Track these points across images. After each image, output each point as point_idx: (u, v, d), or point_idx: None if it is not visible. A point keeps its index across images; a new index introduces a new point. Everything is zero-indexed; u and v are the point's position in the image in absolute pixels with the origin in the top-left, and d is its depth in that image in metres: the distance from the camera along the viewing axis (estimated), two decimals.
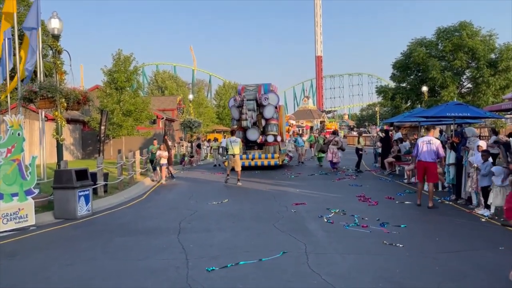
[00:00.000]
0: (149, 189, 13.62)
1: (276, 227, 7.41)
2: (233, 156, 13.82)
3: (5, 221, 7.81)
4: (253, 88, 19.98)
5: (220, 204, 10.07)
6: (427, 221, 7.71)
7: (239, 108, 18.99)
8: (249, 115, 18.65)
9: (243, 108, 18.60)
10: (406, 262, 5.33)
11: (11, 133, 8.15)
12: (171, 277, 4.93)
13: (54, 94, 9.37)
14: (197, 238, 6.83)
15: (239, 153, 14.02)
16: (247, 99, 18.98)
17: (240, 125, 18.91)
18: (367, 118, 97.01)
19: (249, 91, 19.72)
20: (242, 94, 19.35)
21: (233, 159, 13.81)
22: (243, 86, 20.27)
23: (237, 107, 19.14)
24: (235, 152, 13.79)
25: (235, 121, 19.67)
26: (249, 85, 20.26)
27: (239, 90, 20.12)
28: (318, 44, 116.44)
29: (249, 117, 18.64)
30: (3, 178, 7.88)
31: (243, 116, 18.54)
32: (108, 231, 7.59)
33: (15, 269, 5.50)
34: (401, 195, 10.69)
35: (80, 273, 5.24)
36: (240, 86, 20.63)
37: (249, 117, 18.61)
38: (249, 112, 18.71)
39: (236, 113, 19.30)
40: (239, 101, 18.93)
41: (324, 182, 14.09)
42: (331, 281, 4.64)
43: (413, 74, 33.35)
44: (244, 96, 19.11)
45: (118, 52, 27.38)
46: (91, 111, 27.34)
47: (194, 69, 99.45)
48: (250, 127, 18.87)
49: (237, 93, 20.44)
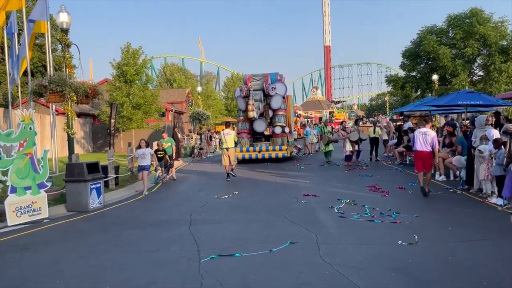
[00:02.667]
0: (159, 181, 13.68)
1: (286, 218, 7.41)
2: (226, 150, 13.05)
3: (19, 214, 7.91)
4: (260, 77, 19.39)
5: (230, 195, 10.09)
6: (439, 211, 7.64)
7: (245, 99, 18.42)
8: (255, 105, 18.04)
9: (249, 98, 18.04)
10: (418, 252, 5.29)
11: (22, 127, 8.23)
12: (183, 269, 4.95)
13: (63, 88, 9.41)
14: (208, 229, 6.85)
15: (233, 146, 13.26)
16: (254, 89, 18.43)
17: (247, 116, 18.35)
18: (376, 108, 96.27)
19: (256, 81, 19.16)
20: (248, 84, 18.78)
21: (227, 152, 13.03)
22: (249, 76, 19.62)
23: (243, 98, 18.56)
24: (229, 146, 13.05)
25: (241, 112, 19.09)
26: (256, 75, 19.63)
27: (245, 79, 19.54)
28: (326, 33, 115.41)
29: (256, 108, 18.03)
30: (16, 172, 7.97)
31: (250, 106, 17.92)
32: (120, 224, 7.65)
33: (29, 261, 5.58)
34: (412, 185, 10.61)
35: (93, 265, 5.29)
36: (246, 76, 19.94)
37: (255, 108, 17.99)
38: (255, 103, 18.10)
39: (242, 104, 18.70)
40: (245, 91, 18.34)
41: (334, 172, 14.03)
42: (343, 272, 4.62)
43: (423, 62, 32.97)
44: (250, 86, 18.55)
45: (127, 45, 27.44)
46: (101, 104, 27.49)
47: (202, 61, 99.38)
48: (257, 118, 18.27)
49: (243, 83, 19.81)
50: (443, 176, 11.20)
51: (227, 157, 13.02)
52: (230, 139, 13.14)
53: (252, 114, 17.95)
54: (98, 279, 4.76)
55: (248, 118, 18.31)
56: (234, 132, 14.09)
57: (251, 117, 18.11)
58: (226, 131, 13.35)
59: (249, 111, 17.99)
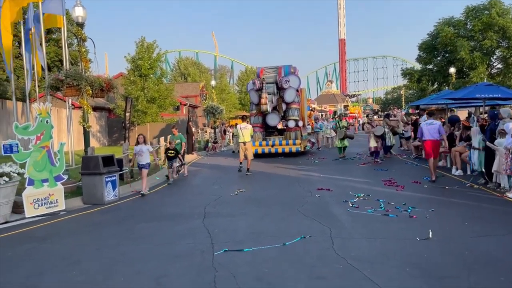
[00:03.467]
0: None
1: (300, 212, 7.38)
2: (243, 144, 12.97)
3: (36, 206, 8.05)
4: (273, 70, 18.92)
5: (243, 189, 10.09)
6: (455, 205, 7.52)
7: (258, 92, 18.05)
8: (269, 99, 17.65)
9: (262, 91, 17.66)
10: (434, 247, 5.21)
11: (39, 121, 8.35)
12: (197, 262, 4.97)
13: (79, 82, 9.50)
14: (222, 223, 6.87)
15: (250, 140, 13.16)
16: (267, 82, 18.01)
17: (259, 109, 18.00)
18: (392, 102, 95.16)
19: (269, 74, 18.71)
20: (261, 77, 18.36)
21: (244, 147, 12.98)
22: (262, 68, 19.17)
23: (256, 91, 18.19)
24: (246, 140, 12.93)
25: (254, 105, 18.70)
26: (269, 67, 19.18)
27: (258, 72, 19.06)
28: (341, 26, 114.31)
29: (269, 101, 17.66)
30: (34, 164, 8.10)
31: (263, 100, 17.54)
32: (134, 217, 7.73)
33: (46, 252, 5.67)
34: (427, 179, 10.46)
35: (108, 257, 5.35)
36: (259, 69, 19.45)
37: (269, 101, 17.62)
38: (268, 96, 17.71)
39: (255, 97, 18.31)
40: (258, 85, 17.97)
41: (349, 166, 13.93)
42: (357, 266, 4.59)
43: (440, 55, 32.42)
44: (263, 79, 18.13)
45: (141, 40, 27.57)
46: (116, 98, 27.74)
47: (216, 55, 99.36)
48: (270, 111, 17.90)
49: (256, 76, 19.38)
50: (459, 170, 11.02)
51: (243, 152, 12.93)
52: (247, 133, 12.97)
53: (265, 107, 17.61)
54: (113, 270, 4.82)
55: (261, 111, 17.98)
56: (251, 126, 13.86)
57: (264, 110, 17.77)
58: (242, 125, 13.21)
59: (262, 104, 17.65)
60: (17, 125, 8.11)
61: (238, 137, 13.16)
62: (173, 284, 4.33)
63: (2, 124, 18.77)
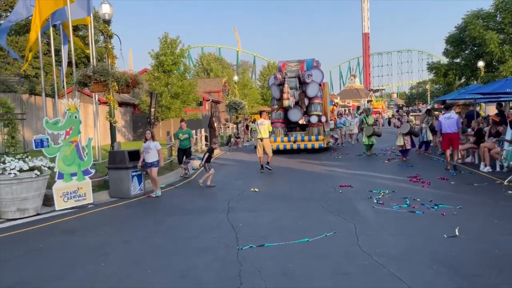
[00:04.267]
0: (197, 169, 13.90)
1: (324, 208, 7.36)
2: (261, 141, 12.52)
3: (66, 199, 8.28)
4: (295, 64, 18.44)
5: (267, 184, 10.12)
6: (484, 203, 7.35)
7: (279, 87, 17.65)
8: (290, 93, 17.20)
9: (284, 86, 17.21)
10: (462, 244, 5.12)
11: (68, 116, 8.56)
12: (222, 255, 5.03)
13: (106, 78, 9.69)
14: (245, 217, 6.92)
15: (268, 136, 12.62)
16: (289, 76, 17.60)
17: (281, 105, 17.52)
18: (417, 97, 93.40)
19: (291, 68, 18.20)
20: (283, 71, 17.93)
21: (261, 143, 12.51)
22: (284, 63, 18.70)
23: (277, 85, 17.81)
24: (263, 136, 12.45)
25: (276, 100, 18.28)
26: (291, 61, 18.70)
27: (280, 66, 18.63)
28: (365, 20, 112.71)
29: (291, 96, 17.22)
30: (63, 158, 8.32)
31: (285, 95, 17.06)
32: (160, 210, 7.86)
33: (75, 244, 5.83)
34: (454, 174, 10.27)
35: (135, 250, 5.47)
36: (280, 63, 18.96)
37: (290, 96, 17.16)
38: (290, 91, 17.25)
39: (276, 92, 17.96)
40: (280, 79, 17.59)
41: (373, 162, 13.78)
42: (383, 262, 4.55)
43: (468, 48, 31.53)
44: (285, 73, 17.72)
45: (165, 36, 27.85)
46: (141, 94, 28.15)
47: (238, 51, 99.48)
48: (292, 107, 17.51)
49: (277, 70, 18.96)
50: (488, 167, 10.75)
51: (262, 148, 12.51)
52: (264, 128, 12.52)
53: (287, 102, 17.15)
54: (141, 263, 4.92)
55: (283, 107, 17.55)
56: (269, 121, 13.22)
57: (286, 105, 17.33)
58: (259, 121, 12.81)
59: (284, 99, 17.21)
60: (47, 120, 8.33)
61: (257, 133, 12.81)
62: (199, 277, 4.40)
63: (32, 120, 19.32)
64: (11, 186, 7.38)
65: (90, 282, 4.41)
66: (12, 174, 7.31)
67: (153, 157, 9.30)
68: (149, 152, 9.32)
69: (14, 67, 30.22)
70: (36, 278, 4.57)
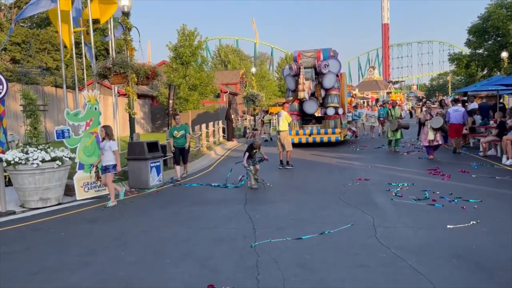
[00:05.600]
0: (215, 161, 14.00)
1: (342, 200, 7.33)
2: (278, 134, 11.88)
3: (86, 189, 8.44)
4: (311, 54, 17.65)
5: (284, 176, 10.11)
6: (505, 197, 7.20)
7: (295, 77, 16.96)
8: (306, 85, 16.55)
9: (299, 77, 16.56)
10: (482, 238, 5.04)
11: (88, 108, 8.70)
12: (239, 246, 5.07)
13: (126, 70, 9.79)
14: (263, 209, 6.94)
15: (286, 129, 11.80)
16: (304, 66, 16.87)
17: (296, 96, 16.95)
18: (437, 88, 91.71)
19: (307, 58, 17.46)
20: (298, 62, 17.24)
21: (279, 136, 11.83)
22: (299, 52, 17.90)
23: (292, 76, 17.07)
24: (280, 129, 11.74)
25: (290, 92, 17.55)
26: (307, 51, 17.87)
27: (295, 57, 17.85)
28: (385, 11, 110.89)
29: (307, 88, 16.57)
30: (84, 149, 8.47)
31: (300, 86, 16.45)
32: (178, 201, 7.94)
33: (96, 233, 5.95)
34: (475, 167, 10.08)
35: (154, 239, 5.55)
36: (296, 53, 18.10)
37: (306, 88, 16.53)
38: (306, 82, 16.59)
39: (291, 83, 17.24)
40: (295, 70, 16.85)
41: (392, 155, 13.62)
42: (402, 255, 4.52)
43: (491, 39, 30.77)
44: (300, 63, 16.99)
45: (183, 27, 27.89)
46: (159, 86, 28.34)
47: (256, 42, 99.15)
48: (307, 98, 16.90)
49: (293, 61, 18.22)
50: (510, 159, 10.53)
51: (280, 142, 11.78)
52: (282, 121, 11.74)
53: (302, 94, 16.55)
54: (160, 252, 5.00)
55: (298, 98, 16.97)
56: (286, 112, 12.14)
57: (301, 97, 16.76)
58: (280, 112, 12.08)
59: (299, 91, 16.61)
60: (68, 112, 8.49)
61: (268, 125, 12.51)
62: (217, 267, 4.44)
63: (54, 111, 19.68)
64: (34, 176, 7.56)
65: (110, 270, 4.50)
66: (34, 164, 7.48)
67: (108, 160, 7.78)
68: (103, 154, 7.85)
69: (36, 60, 30.80)
70: (58, 266, 4.68)
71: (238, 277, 4.17)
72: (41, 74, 12.19)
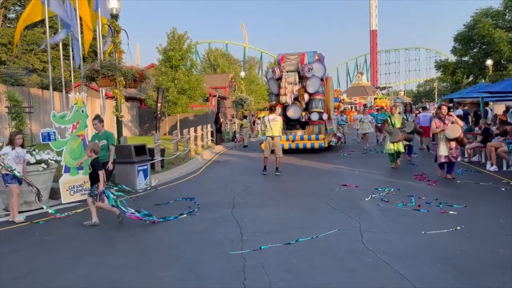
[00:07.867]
0: (203, 165, 13.97)
1: (329, 205, 7.36)
2: (271, 139, 11.25)
3: (72, 192, 8.35)
4: (294, 57, 17.02)
5: (272, 180, 10.12)
6: (490, 202, 7.32)
7: (278, 81, 16.26)
8: (289, 89, 15.94)
9: (281, 81, 15.93)
10: (467, 243, 5.11)
11: (75, 110, 8.61)
12: (227, 250, 5.06)
13: (114, 72, 9.74)
14: (250, 213, 6.94)
15: (279, 135, 11.39)
16: (287, 70, 16.28)
17: (279, 101, 16.22)
18: (424, 95, 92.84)
19: (290, 61, 16.81)
20: (282, 65, 16.65)
21: (272, 142, 11.25)
22: (283, 55, 17.24)
23: (275, 80, 16.38)
24: (274, 134, 11.18)
25: (274, 96, 16.81)
26: (291, 54, 17.25)
27: (279, 60, 17.21)
28: (373, 17, 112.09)
29: (289, 92, 15.95)
30: (70, 152, 8.38)
31: (282, 90, 15.79)
32: (166, 205, 7.89)
33: (83, 237, 5.89)
34: (460, 173, 10.23)
35: (142, 243, 5.51)
36: (279, 55, 17.44)
37: (289, 92, 15.90)
38: (289, 86, 15.98)
39: (274, 87, 16.49)
40: (278, 73, 16.25)
41: (379, 160, 13.72)
42: (387, 260, 4.56)
43: (476, 47, 31.28)
44: (283, 66, 16.39)
45: (172, 31, 27.83)
46: (147, 89, 28.20)
47: (245, 47, 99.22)
48: (290, 103, 16.21)
49: (276, 64, 17.72)
50: (495, 166, 10.70)
51: (270, 148, 11.32)
52: (277, 126, 11.25)
53: (284, 98, 15.89)
54: (147, 256, 4.97)
55: (281, 103, 16.25)
56: (281, 118, 11.90)
57: (283, 102, 16.09)
58: (271, 117, 11.41)
59: (281, 95, 15.96)
60: (55, 114, 8.39)
61: (267, 130, 11.53)
62: (204, 271, 4.43)
63: (40, 113, 19.43)
64: None
65: (96, 273, 4.46)
66: None
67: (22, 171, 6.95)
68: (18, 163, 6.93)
69: (22, 61, 30.43)
70: (44, 269, 4.62)
71: (225, 281, 4.17)
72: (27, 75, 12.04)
